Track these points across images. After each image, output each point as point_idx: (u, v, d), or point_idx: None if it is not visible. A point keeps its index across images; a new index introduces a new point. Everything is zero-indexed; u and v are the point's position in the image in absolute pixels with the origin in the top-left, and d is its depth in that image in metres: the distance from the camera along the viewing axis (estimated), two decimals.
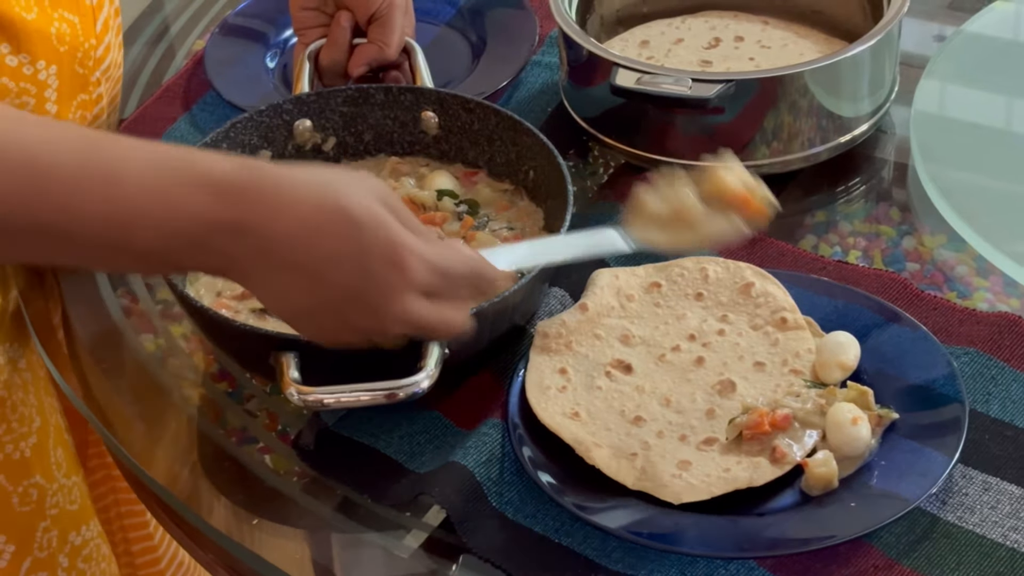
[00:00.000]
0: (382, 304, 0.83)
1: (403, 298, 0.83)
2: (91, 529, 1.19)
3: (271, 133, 1.15)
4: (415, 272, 0.83)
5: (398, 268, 0.82)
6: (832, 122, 1.16)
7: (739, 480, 0.92)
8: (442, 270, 0.84)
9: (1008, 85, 1.25)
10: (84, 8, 1.12)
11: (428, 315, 0.84)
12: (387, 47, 1.19)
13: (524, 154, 1.12)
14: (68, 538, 1.17)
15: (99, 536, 1.20)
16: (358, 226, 0.81)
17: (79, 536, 1.18)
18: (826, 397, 0.95)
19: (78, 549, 1.18)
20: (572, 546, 0.91)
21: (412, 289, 0.83)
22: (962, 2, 1.36)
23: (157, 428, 1.06)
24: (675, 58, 1.24)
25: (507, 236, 1.09)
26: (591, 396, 0.98)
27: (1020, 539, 0.88)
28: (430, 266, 0.83)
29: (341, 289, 0.82)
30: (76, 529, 1.18)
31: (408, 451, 0.98)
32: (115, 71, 1.19)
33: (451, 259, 0.86)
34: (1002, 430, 0.95)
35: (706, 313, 1.03)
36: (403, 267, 0.82)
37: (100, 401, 1.07)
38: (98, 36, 1.14)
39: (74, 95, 1.13)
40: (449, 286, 0.85)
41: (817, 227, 1.15)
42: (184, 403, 1.08)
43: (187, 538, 1.02)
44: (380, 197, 0.83)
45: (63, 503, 1.16)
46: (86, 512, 1.19)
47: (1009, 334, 1.00)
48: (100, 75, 1.15)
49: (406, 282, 0.82)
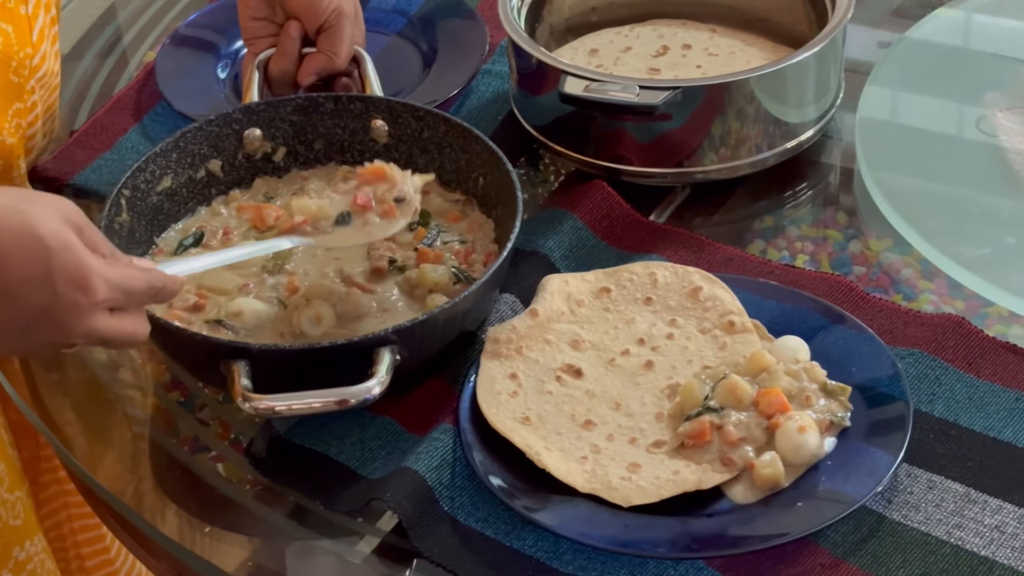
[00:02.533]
0: (69, 322, 0.85)
1: (89, 317, 0.86)
2: (35, 544, 1.19)
3: (221, 142, 1.16)
4: (99, 293, 0.86)
5: (83, 289, 0.85)
6: (779, 128, 1.17)
7: (688, 483, 0.92)
8: (124, 288, 0.87)
9: (950, 91, 1.26)
10: (19, 17, 1.12)
11: (110, 329, 0.87)
12: (336, 57, 1.20)
13: (474, 162, 1.13)
14: (12, 553, 1.16)
15: (43, 551, 1.20)
16: (46, 249, 0.84)
17: (23, 551, 1.17)
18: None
19: (22, 564, 1.17)
20: (523, 549, 0.92)
21: (96, 308, 0.86)
22: (906, 9, 1.38)
23: (107, 437, 1.06)
24: (624, 66, 1.25)
25: (458, 249, 1.09)
26: (541, 401, 0.99)
27: (964, 536, 0.90)
28: (112, 285, 0.86)
29: (30, 309, 0.84)
30: (20, 544, 1.17)
31: (360, 457, 0.99)
32: (51, 79, 1.19)
33: (131, 276, 0.88)
34: (946, 429, 0.96)
35: (655, 317, 1.04)
36: (88, 288, 0.85)
37: (51, 411, 1.07)
38: (34, 45, 1.14)
39: (9, 104, 1.13)
40: (130, 301, 0.89)
41: (765, 232, 1.16)
42: (135, 412, 1.08)
43: (139, 547, 1.02)
44: (67, 218, 0.85)
45: (6, 518, 1.15)
46: (30, 527, 1.18)
47: (953, 335, 1.01)
48: (35, 83, 1.15)
49: (91, 303, 0.85)
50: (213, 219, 1.15)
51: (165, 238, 1.13)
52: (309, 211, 1.05)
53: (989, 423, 0.96)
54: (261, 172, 1.18)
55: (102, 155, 1.27)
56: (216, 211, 1.16)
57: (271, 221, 1.12)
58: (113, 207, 1.07)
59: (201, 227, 1.14)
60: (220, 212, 1.16)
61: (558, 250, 1.12)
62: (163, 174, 1.12)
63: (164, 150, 1.12)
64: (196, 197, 1.15)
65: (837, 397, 0.96)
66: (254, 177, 1.18)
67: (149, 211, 1.12)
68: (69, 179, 1.25)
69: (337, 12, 1.19)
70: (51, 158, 1.27)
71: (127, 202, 1.09)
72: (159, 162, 1.12)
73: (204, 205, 1.16)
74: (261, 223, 1.12)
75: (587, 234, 1.13)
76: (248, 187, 1.18)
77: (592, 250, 1.12)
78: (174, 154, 1.13)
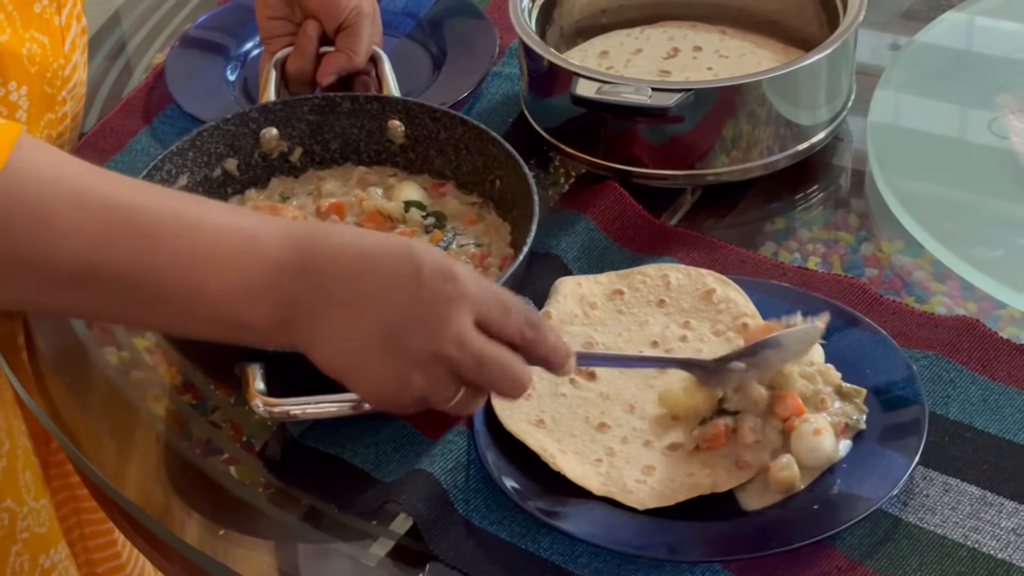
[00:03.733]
0: (437, 321, 0.82)
1: (459, 314, 0.82)
2: (59, 552, 1.19)
3: (237, 141, 1.15)
4: (468, 285, 0.82)
5: (451, 280, 0.82)
6: (790, 130, 1.17)
7: (703, 485, 0.92)
8: (500, 298, 0.84)
9: (962, 93, 1.27)
10: (53, 28, 1.12)
11: (483, 344, 0.83)
12: (356, 56, 1.20)
13: (490, 164, 1.13)
14: (39, 561, 1.16)
15: (67, 559, 1.20)
16: (413, 253, 0.82)
17: (48, 559, 1.17)
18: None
19: (47, 572, 1.17)
20: (538, 552, 0.91)
21: (467, 305, 0.82)
22: (916, 12, 1.38)
23: (127, 445, 1.06)
24: (634, 68, 1.25)
25: (474, 252, 1.09)
26: (555, 403, 0.99)
27: (981, 539, 0.89)
28: (485, 287, 0.83)
29: (397, 308, 0.81)
30: (46, 552, 1.17)
31: (374, 460, 0.99)
32: (80, 89, 1.19)
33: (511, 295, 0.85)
34: (962, 432, 0.96)
35: (668, 320, 1.04)
36: (455, 279, 0.82)
37: (67, 419, 1.07)
38: (66, 56, 1.14)
39: (42, 114, 1.13)
40: (506, 319, 0.84)
41: (777, 234, 1.16)
42: (151, 417, 1.08)
43: (155, 552, 1.02)
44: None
45: (33, 526, 1.15)
46: (54, 535, 1.18)
47: (967, 337, 1.01)
48: (66, 94, 1.15)
49: (459, 293, 0.82)
50: None
51: None
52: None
53: (1004, 425, 0.96)
54: (277, 172, 1.18)
55: (112, 157, 1.27)
56: None
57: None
58: None
59: None
60: None
61: (571, 252, 1.11)
62: (179, 173, 1.12)
63: (181, 149, 1.12)
64: (212, 196, 1.15)
65: (852, 400, 0.96)
66: (270, 177, 1.18)
67: None
68: None
69: (356, 11, 1.19)
70: None
71: None
72: (175, 161, 1.12)
73: None
74: None
75: (599, 236, 1.13)
76: (264, 187, 1.17)
77: (604, 252, 1.12)
78: (191, 153, 1.13)
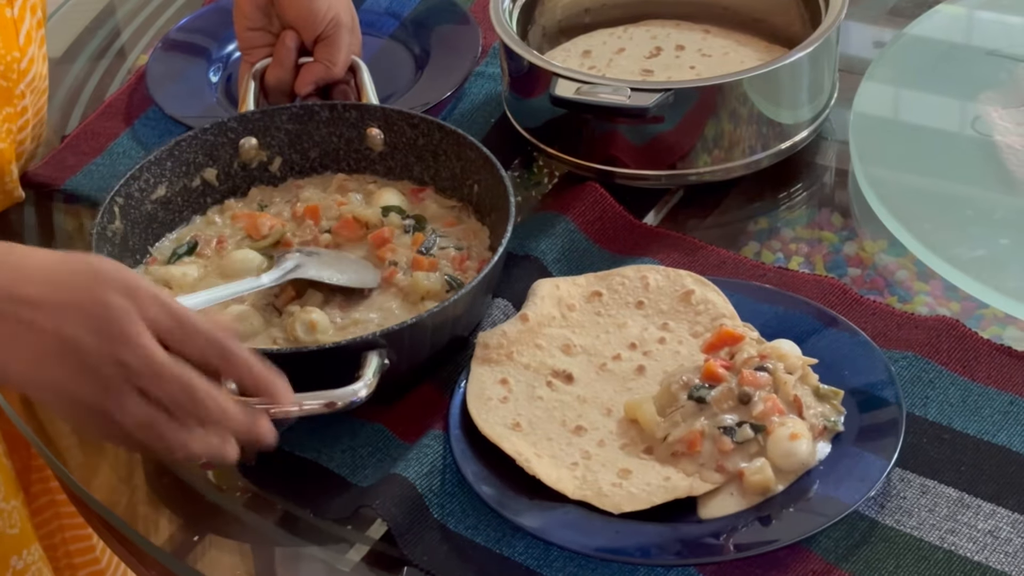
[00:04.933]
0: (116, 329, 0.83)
1: (137, 327, 0.83)
2: (32, 553, 1.18)
3: (216, 151, 1.15)
4: (147, 300, 0.84)
5: (131, 295, 0.83)
6: (772, 129, 1.16)
7: (679, 489, 0.92)
8: (183, 318, 0.85)
9: (946, 89, 1.26)
10: (5, 21, 1.12)
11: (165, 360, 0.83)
12: (334, 66, 1.20)
13: (468, 168, 1.12)
14: (10, 562, 1.16)
15: (40, 560, 1.20)
16: (97, 269, 0.84)
17: (20, 560, 1.17)
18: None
19: (20, 573, 1.17)
20: (513, 556, 0.91)
21: (147, 319, 0.83)
22: (902, 8, 1.37)
23: (101, 449, 1.05)
24: (617, 68, 1.24)
25: (454, 255, 1.09)
26: (532, 406, 0.98)
27: (958, 541, 0.89)
28: (167, 306, 0.84)
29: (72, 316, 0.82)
30: (17, 553, 1.17)
31: (350, 465, 0.98)
32: (40, 83, 1.18)
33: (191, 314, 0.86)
34: (939, 433, 0.95)
35: (647, 322, 1.03)
36: (135, 294, 0.83)
37: (41, 422, 1.06)
38: (21, 49, 1.14)
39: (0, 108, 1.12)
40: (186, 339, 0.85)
41: (760, 234, 1.15)
42: None
43: (131, 556, 1.02)
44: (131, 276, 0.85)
45: (3, 527, 1.15)
46: (27, 536, 1.18)
47: (947, 338, 1.01)
48: (24, 87, 1.15)
49: (139, 307, 0.83)
50: (208, 228, 1.14)
51: (159, 247, 1.13)
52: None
53: (983, 427, 0.95)
54: (257, 181, 1.18)
55: (93, 160, 1.26)
56: (211, 220, 1.15)
57: (265, 230, 1.11)
58: (106, 215, 1.07)
59: (195, 236, 1.13)
60: (215, 221, 1.15)
61: (551, 253, 1.11)
62: (157, 182, 1.12)
63: (159, 158, 1.12)
64: (191, 206, 1.15)
65: (830, 401, 0.95)
66: (250, 186, 1.17)
67: (143, 219, 1.11)
68: (60, 184, 1.24)
69: (334, 22, 1.19)
70: (42, 163, 1.26)
71: (120, 210, 1.09)
72: (153, 170, 1.11)
73: (199, 214, 1.16)
74: (255, 232, 1.12)
75: (580, 237, 1.13)
76: (244, 196, 1.17)
77: (585, 253, 1.12)
78: (169, 162, 1.13)
